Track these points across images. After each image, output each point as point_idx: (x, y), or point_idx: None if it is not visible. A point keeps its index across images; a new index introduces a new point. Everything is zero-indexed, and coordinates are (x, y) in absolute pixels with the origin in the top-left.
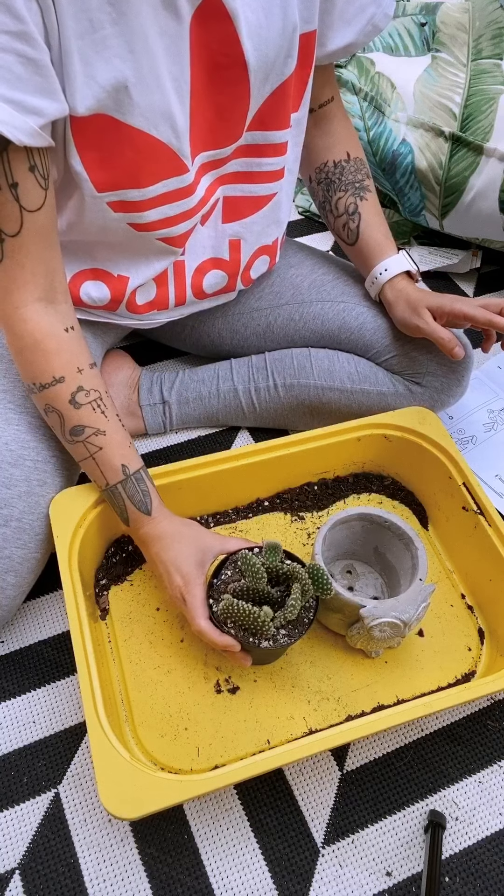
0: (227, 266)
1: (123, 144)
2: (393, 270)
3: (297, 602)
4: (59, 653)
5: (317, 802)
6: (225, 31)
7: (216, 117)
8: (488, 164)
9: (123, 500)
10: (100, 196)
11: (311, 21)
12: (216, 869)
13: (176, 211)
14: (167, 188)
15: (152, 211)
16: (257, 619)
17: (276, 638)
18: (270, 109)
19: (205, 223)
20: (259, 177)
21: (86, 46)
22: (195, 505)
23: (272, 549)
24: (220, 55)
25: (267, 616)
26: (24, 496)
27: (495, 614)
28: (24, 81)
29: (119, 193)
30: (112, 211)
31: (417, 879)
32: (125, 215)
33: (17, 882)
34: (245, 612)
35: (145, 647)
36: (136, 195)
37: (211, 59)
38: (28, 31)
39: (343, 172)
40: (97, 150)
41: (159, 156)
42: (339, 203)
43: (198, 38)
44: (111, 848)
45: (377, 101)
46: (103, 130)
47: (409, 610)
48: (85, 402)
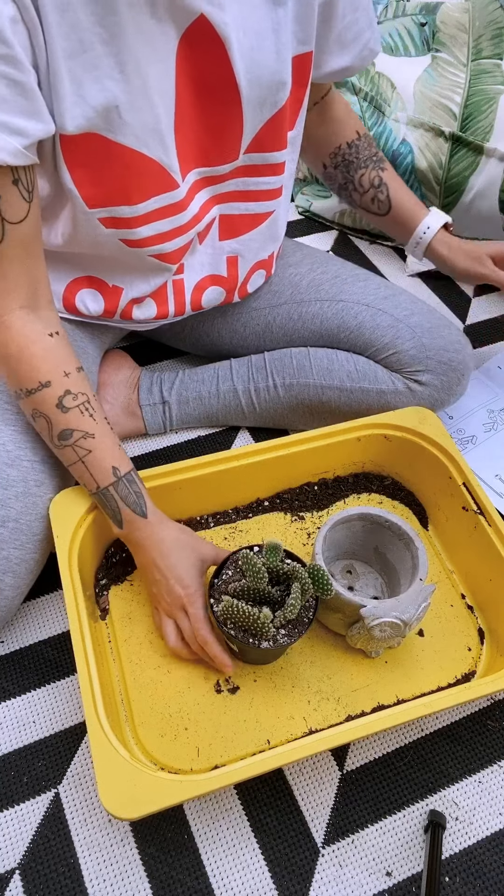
0: (224, 282)
1: (113, 162)
2: (435, 227)
3: (296, 602)
4: (59, 653)
5: (317, 802)
6: (215, 53)
7: (207, 136)
8: (488, 164)
9: (116, 503)
10: (91, 212)
11: (307, 42)
12: (216, 869)
13: (168, 227)
14: (158, 204)
15: (144, 227)
16: (257, 620)
17: (276, 638)
18: (268, 133)
19: (203, 241)
20: (257, 195)
21: (76, 66)
22: (195, 505)
23: (273, 548)
24: (210, 76)
25: (267, 617)
26: (21, 497)
27: (495, 614)
28: (9, 103)
29: (110, 210)
30: (104, 227)
31: (417, 879)
32: (117, 231)
33: (17, 882)
34: (245, 613)
35: (145, 647)
36: (128, 211)
37: (200, 78)
38: (13, 55)
39: (358, 150)
40: (87, 168)
41: (149, 172)
42: (362, 179)
43: (185, 57)
44: (111, 848)
45: (377, 101)
46: (93, 149)
47: (409, 610)
48: (72, 405)
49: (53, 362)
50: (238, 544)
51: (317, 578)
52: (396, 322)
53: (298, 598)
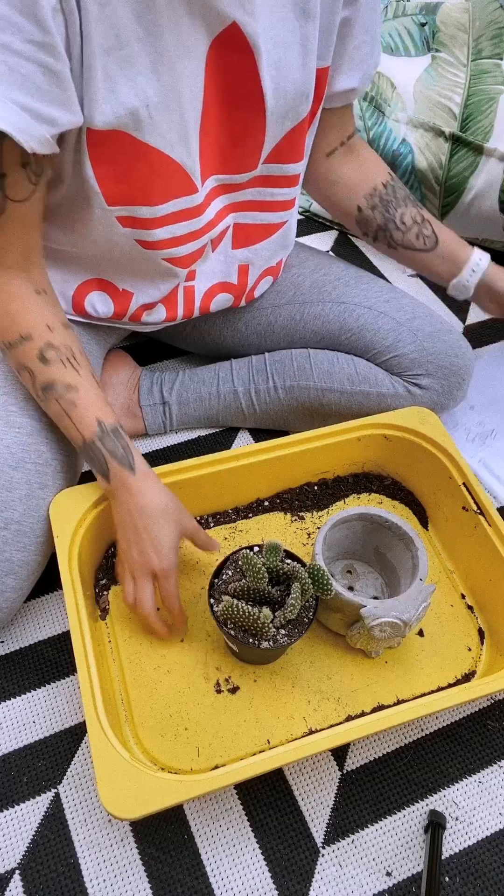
0: (234, 289)
1: (139, 161)
2: (486, 261)
3: (296, 602)
4: (59, 653)
5: (317, 802)
6: (244, 61)
7: (229, 143)
8: (488, 164)
9: (103, 455)
10: (110, 209)
11: (325, 58)
12: (216, 869)
13: (183, 231)
14: (176, 207)
15: (161, 230)
16: (257, 620)
17: (276, 638)
18: (287, 145)
19: (215, 249)
20: (272, 206)
21: (110, 62)
22: (195, 505)
23: (273, 548)
24: (238, 83)
25: (267, 617)
26: (24, 499)
27: (495, 614)
28: (44, 92)
29: (129, 209)
30: (121, 226)
31: (417, 879)
32: (133, 231)
33: (17, 882)
34: (245, 613)
35: (145, 647)
36: (147, 212)
37: (227, 85)
38: (53, 43)
39: (395, 190)
40: (112, 165)
41: (172, 174)
42: (404, 217)
43: (214, 62)
44: (111, 848)
45: (377, 101)
46: (119, 146)
47: (409, 610)
48: (54, 358)
49: (35, 317)
50: (238, 544)
51: (317, 578)
52: (398, 325)
53: (298, 598)
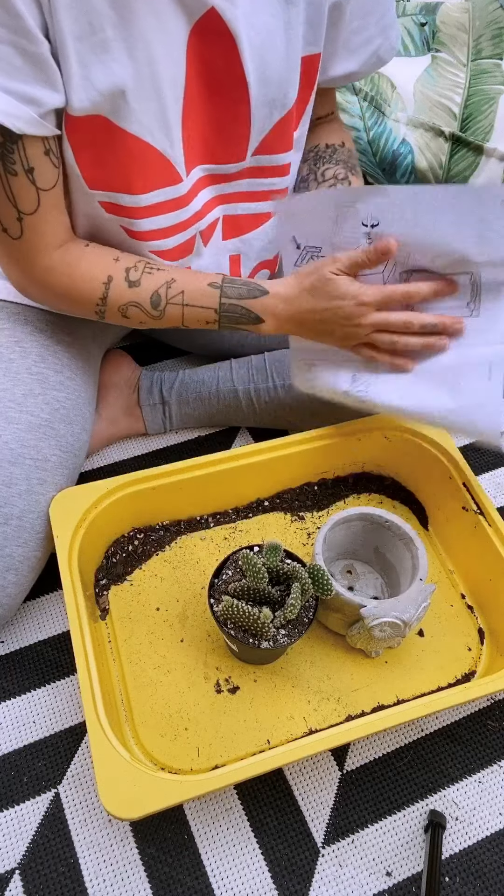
0: None
1: (117, 147)
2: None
3: (296, 602)
4: (59, 653)
5: (317, 802)
6: (225, 48)
7: (213, 132)
8: (488, 164)
9: (241, 307)
10: (91, 193)
11: (315, 44)
12: (216, 869)
13: (169, 222)
14: (160, 198)
15: (146, 220)
16: (257, 620)
17: (276, 638)
18: (276, 135)
19: (207, 243)
20: (264, 196)
21: (84, 49)
22: (195, 505)
23: (273, 549)
24: (220, 71)
25: (267, 617)
26: (24, 494)
27: (495, 614)
28: (22, 72)
29: (111, 195)
30: (105, 211)
31: (417, 879)
32: (118, 218)
33: (17, 882)
34: (245, 613)
35: (145, 647)
36: (129, 201)
37: (209, 72)
38: (26, 27)
39: (335, 153)
40: (91, 149)
41: (153, 163)
42: (326, 172)
43: (195, 50)
44: (111, 848)
45: (377, 101)
46: (97, 131)
47: (409, 610)
48: (138, 276)
49: (101, 261)
50: (238, 544)
51: (317, 578)
52: None
53: (298, 598)
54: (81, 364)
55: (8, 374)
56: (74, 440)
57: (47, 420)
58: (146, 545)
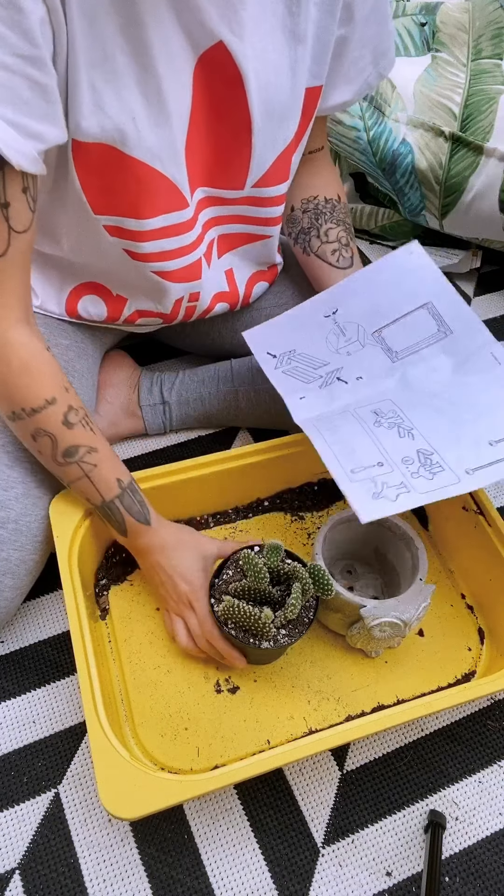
0: (228, 297)
1: (126, 175)
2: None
3: (297, 601)
4: (59, 653)
5: (317, 802)
6: (231, 80)
7: (214, 158)
8: (488, 164)
9: (122, 514)
10: (96, 218)
11: (318, 77)
12: (216, 869)
13: (173, 245)
14: (166, 222)
15: (149, 243)
16: (258, 620)
17: (277, 638)
18: (275, 170)
19: (210, 265)
20: (256, 221)
21: (96, 76)
22: (195, 505)
23: (273, 549)
24: (224, 102)
25: (268, 618)
26: (21, 498)
27: (495, 614)
28: (31, 106)
29: (117, 220)
30: (108, 235)
31: (417, 879)
32: (121, 241)
33: (17, 882)
34: (246, 613)
35: (145, 647)
36: (135, 225)
37: (213, 102)
38: (41, 56)
39: (335, 210)
40: (98, 176)
41: (161, 189)
42: (329, 232)
43: (200, 79)
44: (111, 848)
45: (377, 101)
46: (105, 159)
47: (409, 610)
48: (76, 420)
49: (53, 378)
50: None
51: (317, 578)
52: None
53: (299, 597)
54: (80, 366)
55: None
56: None
57: None
58: None
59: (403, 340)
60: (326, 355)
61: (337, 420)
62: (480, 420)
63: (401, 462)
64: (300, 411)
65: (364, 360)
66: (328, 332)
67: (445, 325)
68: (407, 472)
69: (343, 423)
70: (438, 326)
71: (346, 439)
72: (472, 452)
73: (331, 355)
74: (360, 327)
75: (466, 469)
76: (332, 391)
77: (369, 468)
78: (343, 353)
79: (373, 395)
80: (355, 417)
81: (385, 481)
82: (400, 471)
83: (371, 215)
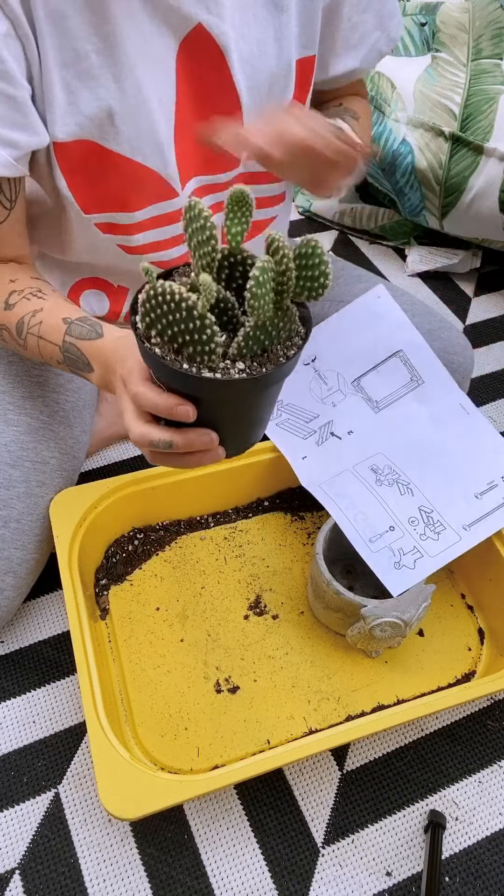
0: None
1: (109, 170)
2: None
3: (260, 293)
4: (59, 653)
5: (317, 802)
6: (214, 61)
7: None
8: (488, 164)
9: (77, 349)
10: (87, 217)
11: (310, 46)
12: (216, 869)
13: (166, 235)
14: (156, 212)
15: (141, 235)
16: (185, 309)
17: (228, 367)
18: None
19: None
20: (260, 202)
21: (70, 76)
22: (195, 505)
23: (238, 203)
24: (210, 84)
25: (205, 302)
26: (23, 497)
27: (495, 614)
28: (3, 117)
29: (108, 216)
30: (101, 233)
31: (417, 879)
32: (114, 237)
33: (17, 882)
34: (169, 297)
35: (145, 647)
36: (125, 218)
37: (200, 86)
38: (7, 70)
39: (326, 111)
40: (82, 174)
41: (147, 181)
42: (329, 108)
43: (184, 65)
44: (111, 848)
45: (377, 101)
46: (88, 155)
47: (409, 610)
48: (17, 299)
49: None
50: (238, 544)
51: (306, 261)
52: None
53: (264, 286)
54: None
55: (7, 377)
56: (74, 442)
57: (46, 422)
58: (146, 545)
59: (382, 390)
60: (314, 406)
61: (341, 482)
62: (463, 472)
63: (408, 523)
64: (305, 473)
65: (350, 411)
66: (310, 380)
67: (417, 374)
68: (416, 534)
69: (348, 484)
70: (411, 376)
71: (356, 504)
72: (464, 507)
73: (318, 406)
74: (339, 375)
75: (463, 525)
76: (328, 448)
77: (384, 535)
78: (329, 403)
79: (366, 449)
80: (357, 477)
81: (401, 547)
82: (410, 535)
83: (371, 215)
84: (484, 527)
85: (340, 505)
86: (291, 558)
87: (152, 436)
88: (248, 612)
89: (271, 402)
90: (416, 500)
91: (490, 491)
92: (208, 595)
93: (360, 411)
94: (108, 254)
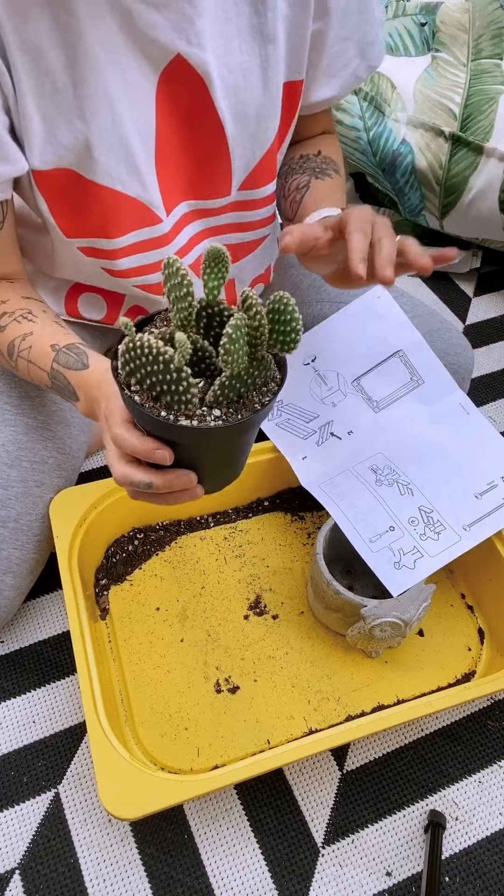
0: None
1: (89, 197)
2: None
3: (235, 342)
4: (59, 653)
5: (317, 802)
6: (195, 90)
7: (194, 168)
8: (488, 164)
9: (64, 377)
10: (69, 241)
11: (298, 71)
12: (216, 869)
13: (150, 260)
14: (138, 238)
15: (124, 259)
16: (162, 363)
17: (204, 414)
18: (261, 169)
19: (200, 275)
20: (251, 226)
21: (47, 107)
22: (195, 505)
23: (215, 260)
24: (192, 112)
25: (182, 353)
26: (21, 497)
27: (495, 614)
28: None
29: (89, 241)
30: (84, 256)
31: (417, 879)
32: (98, 261)
33: (17, 882)
34: (147, 350)
35: (145, 647)
36: (107, 244)
37: (182, 115)
38: None
39: (307, 161)
40: (64, 200)
41: (128, 208)
42: (292, 184)
43: (165, 94)
44: (111, 848)
45: (377, 101)
46: (67, 184)
47: (409, 610)
48: (8, 321)
49: None
50: (238, 544)
51: (279, 316)
52: None
53: (238, 336)
54: None
55: (3, 377)
56: (72, 442)
57: (44, 422)
58: (146, 545)
59: (382, 390)
60: (314, 406)
61: (341, 482)
62: (463, 472)
63: (408, 523)
64: (305, 473)
65: (349, 412)
66: (310, 380)
67: (417, 374)
68: (416, 534)
69: (348, 484)
70: (411, 375)
71: (356, 504)
72: (464, 507)
73: (317, 406)
74: (339, 376)
75: (463, 525)
76: (328, 448)
77: (384, 535)
78: (328, 403)
79: (366, 449)
80: (357, 477)
81: (400, 547)
82: (410, 534)
83: None
84: (484, 527)
85: (340, 505)
86: (291, 558)
87: (133, 477)
88: (248, 612)
89: (248, 444)
90: (416, 500)
91: (490, 491)
92: (208, 595)
93: (360, 411)
94: (93, 275)
